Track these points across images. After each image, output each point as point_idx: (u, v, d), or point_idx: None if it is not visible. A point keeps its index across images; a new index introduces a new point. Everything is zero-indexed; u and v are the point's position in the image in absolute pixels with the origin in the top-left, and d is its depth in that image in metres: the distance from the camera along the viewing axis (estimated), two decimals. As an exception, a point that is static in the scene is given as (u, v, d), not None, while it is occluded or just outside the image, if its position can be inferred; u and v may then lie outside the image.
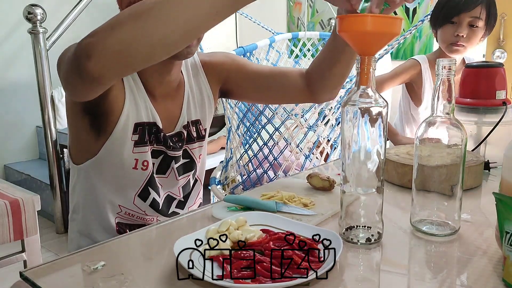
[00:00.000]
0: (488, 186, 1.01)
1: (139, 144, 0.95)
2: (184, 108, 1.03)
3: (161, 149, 0.99)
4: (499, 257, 0.66)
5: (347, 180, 0.72)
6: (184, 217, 0.89)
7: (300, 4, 3.56)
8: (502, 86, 1.13)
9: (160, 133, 0.98)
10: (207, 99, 1.08)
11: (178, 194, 1.06)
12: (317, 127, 1.83)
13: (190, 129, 1.04)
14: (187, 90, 1.04)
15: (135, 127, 0.93)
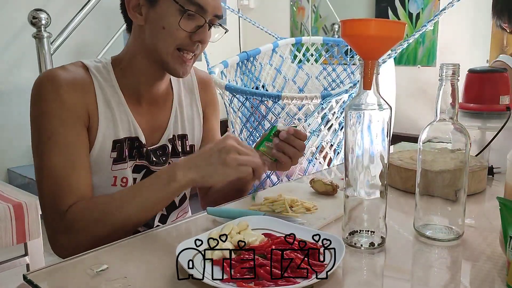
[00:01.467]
0: (492, 191, 1.00)
1: (118, 161, 0.93)
2: (171, 121, 1.02)
3: (143, 164, 0.97)
4: (503, 262, 0.66)
5: (350, 184, 0.72)
6: (187, 221, 0.89)
7: (303, 9, 3.57)
8: (506, 91, 1.13)
9: (143, 148, 0.96)
10: (197, 117, 1.08)
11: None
12: (320, 132, 1.83)
13: (175, 143, 1.02)
14: (175, 103, 1.03)
15: (114, 144, 0.92)
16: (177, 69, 0.92)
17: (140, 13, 0.91)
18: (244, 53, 2.38)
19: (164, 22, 0.88)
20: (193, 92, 1.08)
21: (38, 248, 1.71)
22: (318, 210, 0.88)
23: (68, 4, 3.08)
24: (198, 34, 0.89)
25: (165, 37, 0.88)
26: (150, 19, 0.90)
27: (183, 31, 0.88)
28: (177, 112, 1.03)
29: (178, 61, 0.91)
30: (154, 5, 0.89)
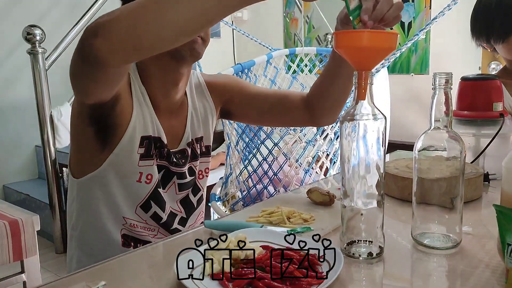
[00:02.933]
0: (488, 198, 1.00)
1: (145, 157, 0.95)
2: (188, 125, 1.05)
3: (163, 164, 1.00)
4: (502, 269, 0.66)
5: (347, 194, 0.72)
6: (185, 234, 0.89)
7: (296, 20, 3.60)
8: (499, 98, 1.14)
9: (164, 148, 0.99)
10: (210, 117, 1.10)
11: (178, 210, 1.06)
12: (316, 142, 1.83)
13: (194, 146, 1.06)
14: (191, 108, 1.06)
15: (142, 140, 0.94)
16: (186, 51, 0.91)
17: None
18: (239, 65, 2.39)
19: None
20: (203, 94, 1.11)
21: (35, 266, 1.70)
22: (316, 220, 0.88)
23: (62, 19, 3.09)
24: None
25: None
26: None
27: None
28: (193, 117, 1.06)
29: (186, 45, 0.88)
30: None
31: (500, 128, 1.08)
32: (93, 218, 0.98)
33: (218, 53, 3.85)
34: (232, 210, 1.93)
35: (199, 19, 0.67)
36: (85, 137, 0.93)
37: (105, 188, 0.96)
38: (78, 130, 0.94)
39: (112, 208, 0.97)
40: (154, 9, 0.65)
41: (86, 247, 1.01)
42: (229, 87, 1.13)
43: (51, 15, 3.18)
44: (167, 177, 1.01)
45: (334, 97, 1.05)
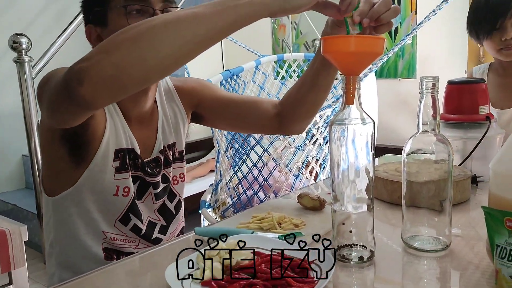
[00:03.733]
0: (476, 200, 1.01)
1: (120, 170, 0.94)
2: (159, 133, 1.04)
3: (138, 175, 0.99)
4: (491, 270, 0.66)
5: (337, 199, 0.72)
6: (174, 242, 0.88)
7: (284, 26, 3.62)
8: (485, 101, 1.15)
9: (138, 159, 0.98)
10: (181, 122, 1.09)
11: (157, 218, 1.05)
12: (305, 147, 1.84)
13: (166, 153, 1.05)
14: (161, 115, 1.05)
15: (116, 153, 0.93)
16: None
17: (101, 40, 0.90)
18: (227, 71, 2.39)
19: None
20: (173, 99, 1.09)
21: (23, 277, 1.67)
22: (307, 225, 0.88)
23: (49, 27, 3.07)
24: None
25: None
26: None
27: None
28: (164, 124, 1.05)
29: None
30: (106, 23, 0.90)
31: (486, 131, 1.09)
32: (71, 234, 0.95)
33: (207, 59, 3.85)
34: (223, 216, 1.93)
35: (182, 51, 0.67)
36: (57, 157, 0.91)
37: (81, 205, 0.94)
38: (50, 150, 0.92)
39: (90, 224, 0.95)
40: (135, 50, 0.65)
41: (67, 264, 0.98)
42: (199, 91, 1.12)
43: (38, 23, 3.15)
44: (143, 188, 1.00)
45: (307, 107, 1.04)
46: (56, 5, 3.26)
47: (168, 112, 1.07)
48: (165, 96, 1.08)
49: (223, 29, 0.69)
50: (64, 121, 0.81)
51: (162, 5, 0.90)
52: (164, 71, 0.69)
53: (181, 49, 0.67)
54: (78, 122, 0.80)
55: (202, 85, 1.13)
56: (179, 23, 0.66)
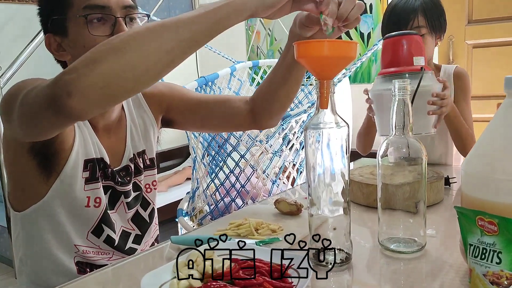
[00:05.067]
0: (449, 201, 1.03)
1: (91, 181, 0.92)
2: (128, 141, 1.02)
3: (109, 185, 0.97)
4: (465, 269, 0.67)
5: (313, 203, 0.72)
6: (152, 251, 0.87)
7: (259, 33, 3.64)
8: (419, 52, 1.14)
9: (108, 169, 0.96)
10: (151, 129, 1.07)
11: (131, 228, 1.02)
12: (282, 152, 1.84)
13: (137, 161, 1.03)
14: (129, 122, 1.03)
15: (85, 164, 0.91)
16: None
17: (63, 50, 0.90)
18: (202, 78, 2.38)
19: (81, 41, 0.86)
20: (141, 105, 1.07)
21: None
22: (284, 230, 0.87)
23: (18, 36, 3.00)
24: (116, 31, 0.86)
25: None
26: (71, 48, 0.88)
27: (102, 37, 0.84)
28: (133, 131, 1.03)
29: None
30: (67, 33, 0.88)
31: (420, 80, 1.09)
32: (42, 250, 0.92)
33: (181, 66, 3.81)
34: (200, 224, 1.91)
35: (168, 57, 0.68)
36: (25, 170, 0.88)
37: (52, 218, 0.91)
38: (17, 164, 0.89)
39: (62, 238, 0.92)
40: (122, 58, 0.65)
41: (39, 281, 0.94)
42: (167, 95, 1.10)
43: (5, 32, 3.08)
44: (115, 198, 0.98)
45: (281, 101, 1.03)
46: (24, 13, 3.20)
47: (137, 119, 1.05)
48: (132, 102, 1.06)
49: (207, 31, 0.70)
50: (41, 133, 0.78)
51: (124, 12, 0.88)
52: (154, 77, 0.69)
53: (168, 54, 0.67)
54: (57, 133, 0.79)
55: (170, 88, 1.11)
56: (163, 29, 0.67)
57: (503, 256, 0.55)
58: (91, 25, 0.85)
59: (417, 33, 1.18)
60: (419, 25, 1.35)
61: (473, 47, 2.76)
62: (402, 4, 1.37)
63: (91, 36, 0.85)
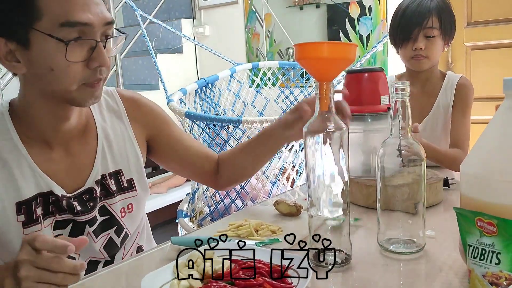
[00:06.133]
0: (448, 202, 1.03)
1: (29, 224, 0.82)
2: (98, 160, 0.91)
3: (67, 218, 0.86)
4: (465, 270, 0.68)
5: (313, 204, 0.72)
6: (152, 252, 0.87)
7: (258, 35, 3.64)
8: (385, 91, 1.05)
9: (61, 201, 0.85)
10: (130, 146, 0.96)
11: (101, 256, 0.92)
12: (281, 154, 1.84)
13: (107, 182, 0.91)
14: (101, 138, 0.92)
15: (18, 207, 0.82)
16: (86, 99, 0.81)
17: (17, 61, 0.78)
18: (202, 80, 2.39)
19: (49, 62, 0.76)
20: (122, 121, 0.96)
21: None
22: (284, 232, 0.88)
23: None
24: (94, 59, 0.77)
25: (59, 79, 0.77)
26: (31, 64, 0.77)
27: (77, 64, 0.76)
28: (104, 148, 0.92)
29: (85, 92, 0.80)
30: (28, 46, 0.76)
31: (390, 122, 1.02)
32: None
33: (181, 68, 3.83)
34: (200, 225, 1.91)
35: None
36: None
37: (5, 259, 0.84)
38: None
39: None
40: None
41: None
42: (157, 121, 1.01)
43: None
44: (78, 230, 0.87)
45: (246, 172, 1.07)
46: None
47: (113, 136, 0.94)
48: (111, 115, 0.96)
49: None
50: None
51: (104, 29, 0.79)
52: None
53: None
54: None
55: (161, 116, 1.03)
56: None
57: (502, 256, 0.55)
58: (69, 48, 0.74)
59: (382, 69, 1.10)
60: (432, 26, 1.34)
61: (471, 49, 2.76)
62: (415, 6, 1.36)
63: (64, 62, 0.75)
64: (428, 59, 1.37)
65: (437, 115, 1.42)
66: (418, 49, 1.35)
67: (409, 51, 1.38)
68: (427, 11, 1.35)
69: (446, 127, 1.42)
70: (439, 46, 1.38)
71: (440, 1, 1.38)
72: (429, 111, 1.43)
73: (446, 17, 1.37)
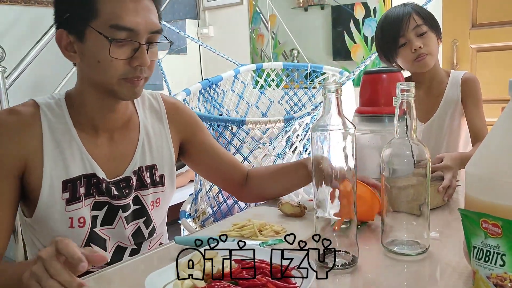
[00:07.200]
0: (453, 203, 1.03)
1: (72, 201, 0.89)
2: (138, 152, 0.98)
3: (104, 200, 0.93)
4: (469, 272, 0.67)
5: (319, 205, 0.72)
6: (155, 252, 0.87)
7: (262, 36, 3.64)
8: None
9: (102, 184, 0.92)
10: (166, 146, 1.04)
11: (128, 243, 0.98)
12: (285, 155, 1.84)
13: (142, 174, 0.98)
14: (142, 134, 1.00)
15: (64, 185, 0.89)
16: (126, 93, 0.88)
17: (74, 51, 0.88)
18: (206, 80, 2.39)
19: (97, 55, 0.84)
20: (162, 122, 1.05)
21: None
22: (287, 232, 0.87)
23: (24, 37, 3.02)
24: (136, 58, 0.85)
25: (104, 71, 0.85)
26: (84, 55, 0.87)
27: (119, 60, 0.84)
28: (144, 143, 1.00)
29: (125, 87, 0.87)
30: (83, 40, 0.86)
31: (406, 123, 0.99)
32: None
33: (185, 69, 3.84)
34: (203, 226, 1.91)
35: None
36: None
37: (40, 235, 0.92)
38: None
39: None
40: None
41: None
42: (193, 127, 1.10)
43: (12, 33, 3.10)
44: (112, 213, 0.94)
45: (272, 195, 1.11)
46: (30, 14, 3.22)
47: (152, 133, 1.02)
48: (151, 112, 1.04)
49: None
50: None
51: (149, 37, 0.87)
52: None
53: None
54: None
55: (197, 123, 1.12)
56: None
57: (507, 258, 0.55)
58: (113, 46, 0.83)
59: (399, 70, 1.10)
60: (417, 24, 1.35)
61: (477, 51, 2.75)
62: (394, 16, 1.39)
63: (108, 57, 0.83)
64: (430, 55, 1.37)
65: (444, 113, 1.42)
66: (418, 48, 1.35)
67: (409, 55, 1.38)
68: (406, 14, 1.37)
69: (452, 124, 1.42)
70: (434, 39, 1.38)
71: (413, 4, 1.41)
72: (436, 109, 1.43)
73: (426, 13, 1.39)
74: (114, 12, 0.83)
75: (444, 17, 2.73)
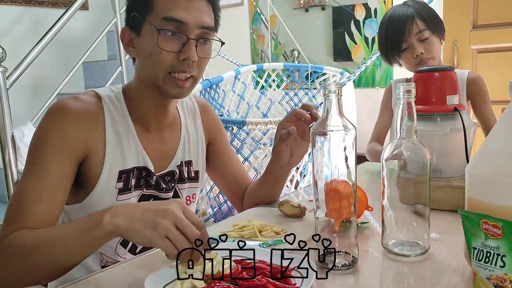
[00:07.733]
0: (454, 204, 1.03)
1: (124, 191, 0.93)
2: (180, 147, 1.03)
3: (151, 193, 0.97)
4: (469, 273, 0.67)
5: (319, 205, 0.72)
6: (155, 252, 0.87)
7: (263, 36, 3.65)
8: (453, 91, 1.03)
9: (152, 177, 0.96)
10: (200, 143, 1.09)
11: None
12: (285, 156, 1.84)
13: (182, 168, 1.03)
14: (183, 131, 1.05)
15: (120, 175, 0.92)
16: (170, 90, 0.90)
17: (133, 46, 0.93)
18: (207, 81, 2.39)
19: (149, 47, 0.88)
20: (195, 119, 1.09)
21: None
22: (287, 233, 0.87)
23: (24, 37, 3.03)
24: (183, 52, 0.87)
25: (153, 63, 0.88)
26: (139, 49, 0.91)
27: (168, 52, 0.87)
28: (185, 139, 1.04)
29: (170, 83, 0.90)
30: (140, 34, 0.90)
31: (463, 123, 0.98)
32: None
33: (186, 69, 3.84)
34: (203, 227, 1.91)
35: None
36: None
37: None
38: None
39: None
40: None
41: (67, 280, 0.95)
42: (216, 131, 1.13)
43: (13, 33, 3.11)
44: None
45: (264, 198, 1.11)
46: (31, 15, 3.22)
47: (190, 130, 1.07)
48: (189, 112, 1.09)
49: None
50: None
51: (198, 33, 0.89)
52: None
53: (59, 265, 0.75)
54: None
55: (222, 126, 1.17)
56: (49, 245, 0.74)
57: (507, 259, 0.55)
58: (162, 37, 0.86)
59: (452, 69, 1.08)
60: (420, 30, 1.35)
61: (478, 52, 2.75)
62: (397, 18, 1.39)
63: (158, 48, 0.86)
64: (433, 59, 1.37)
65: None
66: (420, 54, 1.35)
67: (411, 60, 1.38)
68: (410, 18, 1.36)
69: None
70: (437, 43, 1.38)
71: (414, 3, 1.39)
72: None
73: (429, 15, 1.37)
74: (167, 6, 0.87)
75: (444, 18, 2.73)
